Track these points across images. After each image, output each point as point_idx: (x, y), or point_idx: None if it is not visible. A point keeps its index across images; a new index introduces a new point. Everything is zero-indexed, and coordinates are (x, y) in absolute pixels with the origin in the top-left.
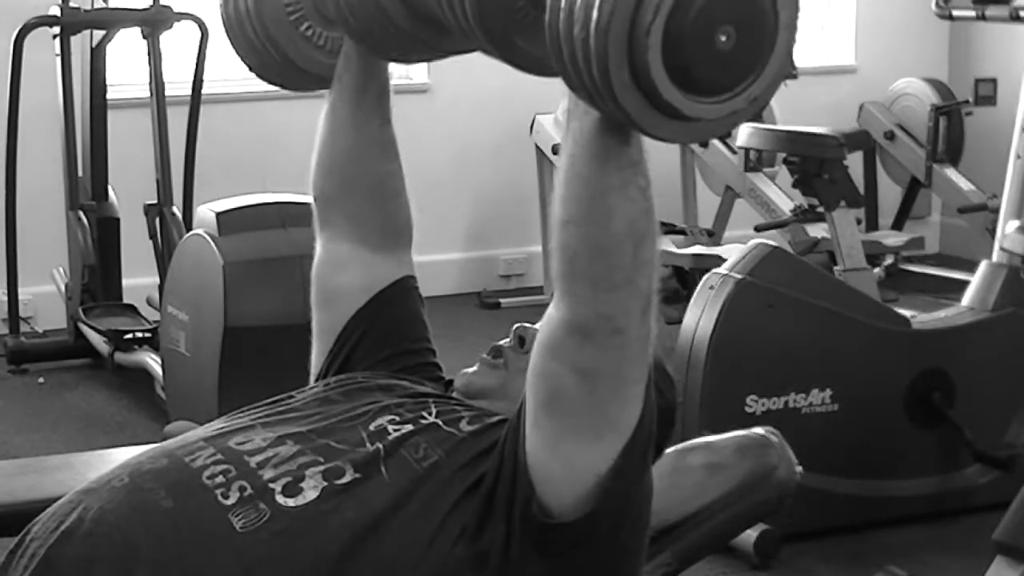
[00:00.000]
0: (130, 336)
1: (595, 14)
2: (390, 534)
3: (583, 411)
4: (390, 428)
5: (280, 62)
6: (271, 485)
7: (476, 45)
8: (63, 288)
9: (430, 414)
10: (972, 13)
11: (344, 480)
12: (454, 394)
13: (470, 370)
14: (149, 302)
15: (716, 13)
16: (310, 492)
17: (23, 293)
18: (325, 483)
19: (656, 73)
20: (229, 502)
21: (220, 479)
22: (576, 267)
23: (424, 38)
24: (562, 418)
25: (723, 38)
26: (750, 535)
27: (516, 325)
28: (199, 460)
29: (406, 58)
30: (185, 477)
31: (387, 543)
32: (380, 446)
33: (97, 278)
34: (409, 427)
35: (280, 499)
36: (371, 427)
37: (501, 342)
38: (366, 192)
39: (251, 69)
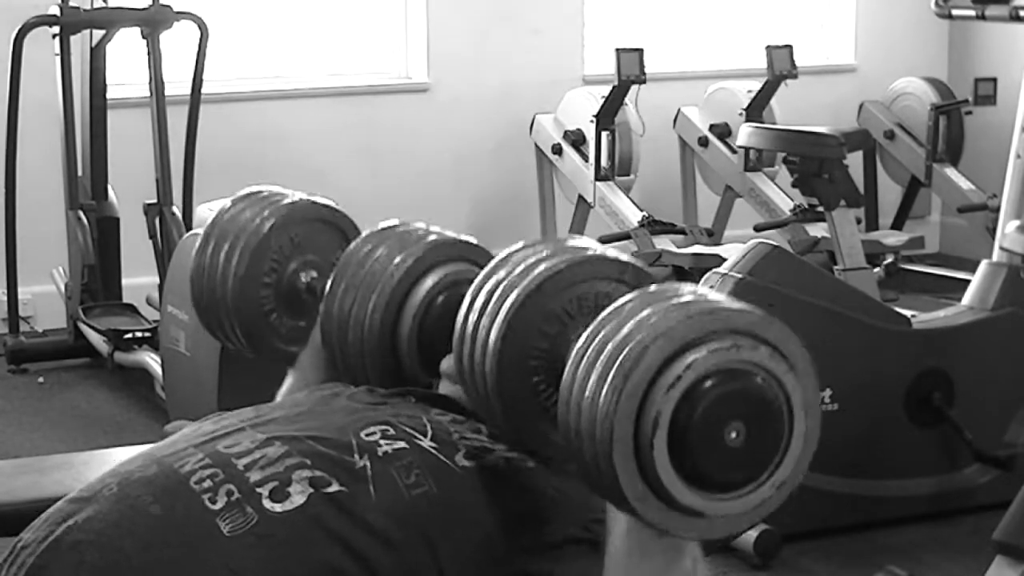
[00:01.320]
0: (130, 336)
1: (598, 430)
2: (374, 551)
3: None
4: (382, 442)
5: (238, 335)
6: (258, 489)
7: (503, 431)
8: (63, 288)
9: (425, 435)
10: (972, 12)
11: (331, 490)
12: (442, 382)
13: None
14: (149, 301)
15: (721, 413)
16: (297, 497)
17: (23, 292)
18: (312, 489)
19: (669, 482)
20: (216, 507)
21: (208, 483)
22: None
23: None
24: None
25: (733, 435)
26: (750, 535)
27: None
28: (187, 465)
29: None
30: (173, 483)
31: (369, 566)
32: (369, 460)
33: (97, 278)
34: (402, 444)
35: (267, 503)
36: (362, 435)
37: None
38: None
39: (200, 318)
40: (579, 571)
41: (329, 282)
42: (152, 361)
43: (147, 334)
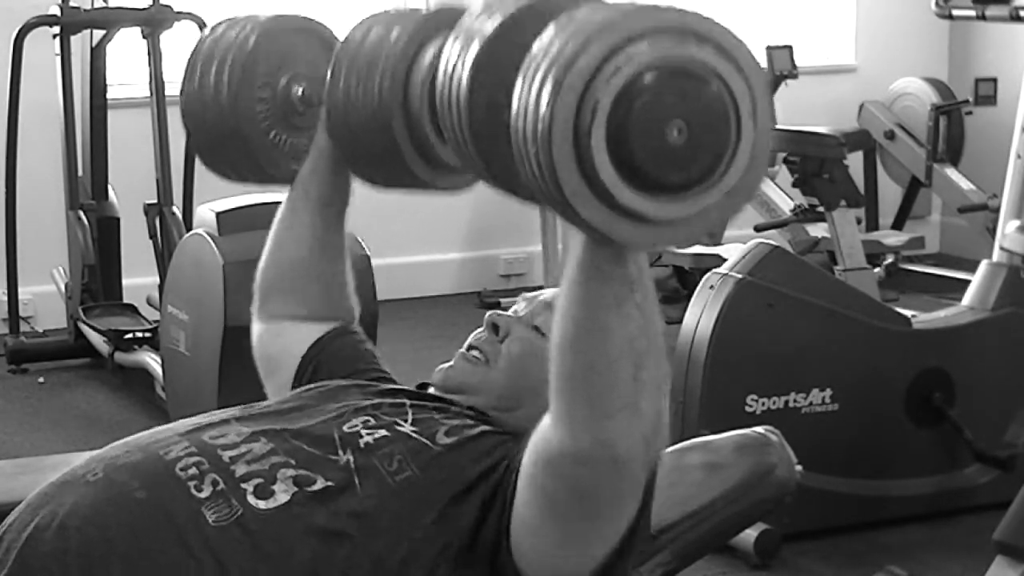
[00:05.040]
0: (130, 336)
1: (539, 125)
2: (359, 546)
3: (573, 524)
4: (363, 432)
5: (245, 159)
6: (243, 485)
7: (488, 182)
8: (63, 288)
9: (406, 421)
10: (972, 13)
11: (315, 488)
12: (431, 391)
13: (446, 365)
14: (149, 302)
15: (661, 108)
16: (281, 496)
17: (23, 293)
18: (296, 488)
19: (607, 177)
20: (202, 495)
21: (193, 471)
22: (573, 390)
23: (419, 174)
24: (551, 522)
25: (675, 133)
26: (750, 534)
27: (489, 313)
28: (173, 452)
29: (385, 184)
30: (159, 469)
31: (356, 554)
32: (352, 454)
33: (97, 278)
34: (383, 432)
35: (252, 500)
36: (344, 428)
37: (476, 334)
38: (310, 292)
39: (206, 159)
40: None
41: (329, 73)
42: (152, 361)
43: (147, 334)
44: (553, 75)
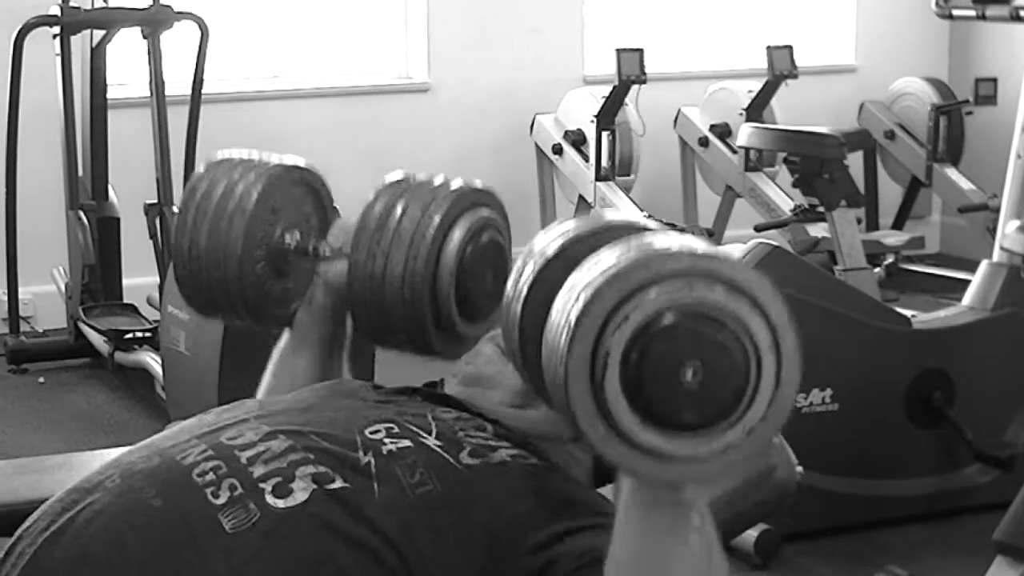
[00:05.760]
0: (130, 336)
1: (559, 370)
2: (376, 551)
3: None
4: (386, 440)
5: (231, 307)
6: (261, 485)
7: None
8: (63, 288)
9: (430, 433)
10: (972, 12)
11: (334, 486)
12: (449, 381)
13: (466, 355)
14: (149, 302)
15: (673, 352)
16: (300, 494)
17: (23, 293)
18: (315, 485)
19: (624, 419)
20: (219, 501)
21: (210, 476)
22: None
23: (436, 347)
24: None
25: (690, 374)
26: (750, 535)
27: None
28: (190, 457)
29: (396, 351)
30: (175, 475)
31: (371, 558)
32: (373, 457)
33: (97, 278)
34: (406, 443)
35: (270, 499)
36: (367, 432)
37: (494, 332)
38: None
39: (189, 302)
40: (584, 547)
41: (352, 247)
42: (153, 361)
43: (147, 334)
44: (571, 325)
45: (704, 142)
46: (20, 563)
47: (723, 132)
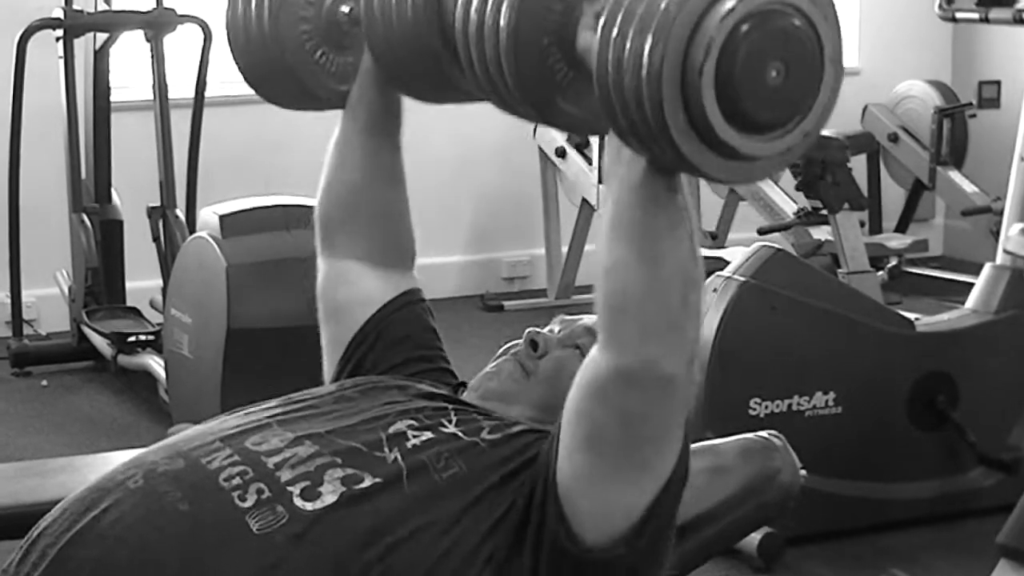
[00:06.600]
0: (133, 339)
1: (645, 60)
2: (408, 545)
3: (622, 454)
4: (409, 434)
5: (292, 85)
6: (289, 488)
7: (518, 111)
8: (66, 290)
9: (450, 422)
10: (975, 15)
11: (363, 486)
12: (468, 394)
13: (486, 371)
14: (152, 304)
15: (766, 50)
16: (328, 496)
17: (26, 296)
18: (344, 488)
19: (712, 113)
20: (246, 504)
21: (237, 480)
22: (625, 311)
23: (465, 89)
24: (600, 458)
25: (774, 74)
26: (753, 538)
27: (528, 329)
28: (216, 461)
29: (436, 100)
30: (202, 479)
31: (405, 553)
32: (399, 453)
33: (100, 281)
34: (429, 434)
35: (298, 502)
36: (390, 430)
37: (515, 345)
38: (372, 217)
39: (256, 89)
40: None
41: None
42: (156, 364)
43: (150, 337)
44: (663, 11)
45: None
46: (43, 563)
47: None
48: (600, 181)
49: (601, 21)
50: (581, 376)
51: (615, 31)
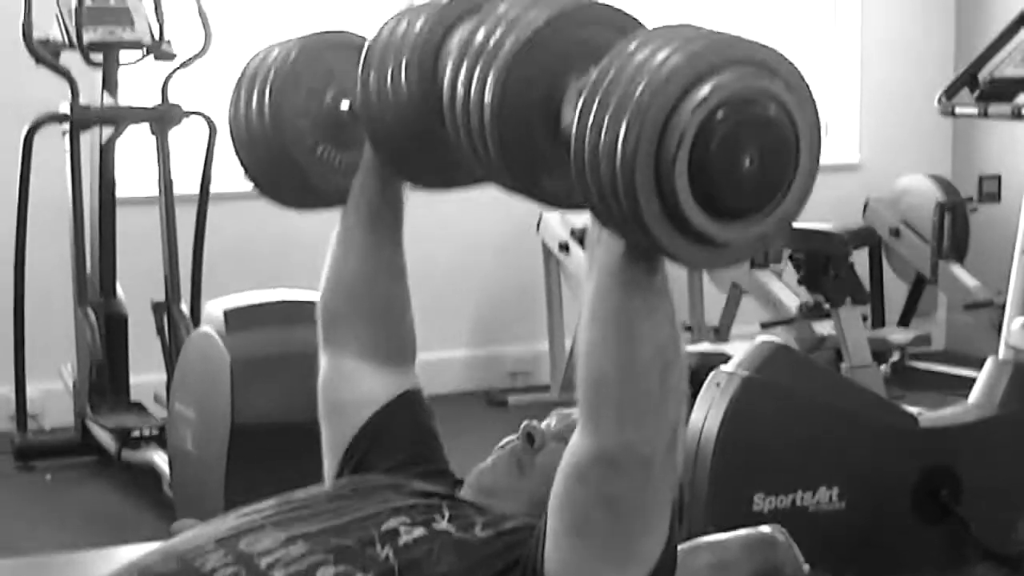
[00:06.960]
0: (137, 434)
1: (619, 148)
2: None
3: (608, 539)
4: (402, 531)
5: (294, 180)
6: None
7: (502, 184)
8: (70, 385)
9: (443, 518)
10: (975, 110)
11: None
12: (464, 490)
13: (482, 466)
14: (156, 399)
15: (740, 138)
16: None
17: (30, 389)
18: None
19: (685, 202)
20: None
21: None
22: (603, 395)
23: (465, 168)
24: (586, 545)
25: (748, 162)
26: None
27: (524, 423)
28: (209, 563)
29: (435, 184)
30: None
31: None
32: (391, 550)
33: (104, 375)
34: (421, 531)
35: None
36: (383, 528)
37: (511, 439)
38: (373, 312)
39: (258, 184)
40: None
41: (359, 71)
42: (159, 459)
43: (154, 432)
44: (639, 98)
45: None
46: None
47: None
48: None
49: (578, 105)
50: (564, 461)
51: (591, 117)
